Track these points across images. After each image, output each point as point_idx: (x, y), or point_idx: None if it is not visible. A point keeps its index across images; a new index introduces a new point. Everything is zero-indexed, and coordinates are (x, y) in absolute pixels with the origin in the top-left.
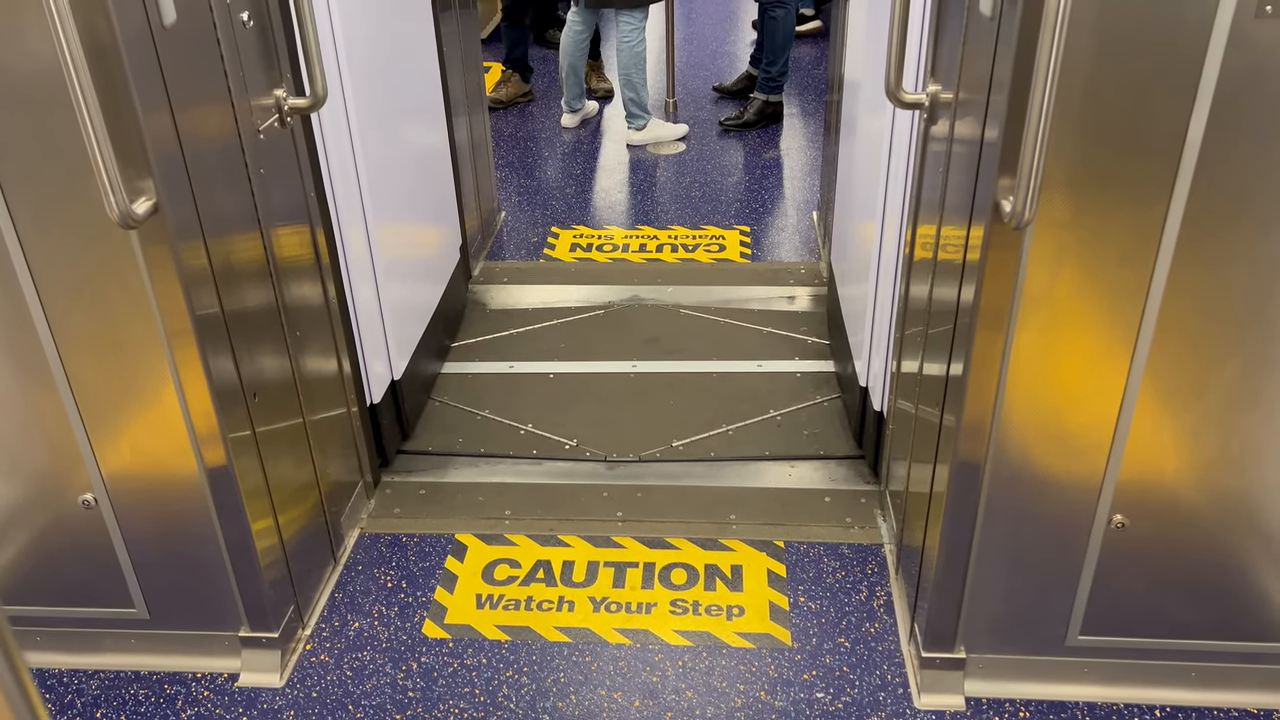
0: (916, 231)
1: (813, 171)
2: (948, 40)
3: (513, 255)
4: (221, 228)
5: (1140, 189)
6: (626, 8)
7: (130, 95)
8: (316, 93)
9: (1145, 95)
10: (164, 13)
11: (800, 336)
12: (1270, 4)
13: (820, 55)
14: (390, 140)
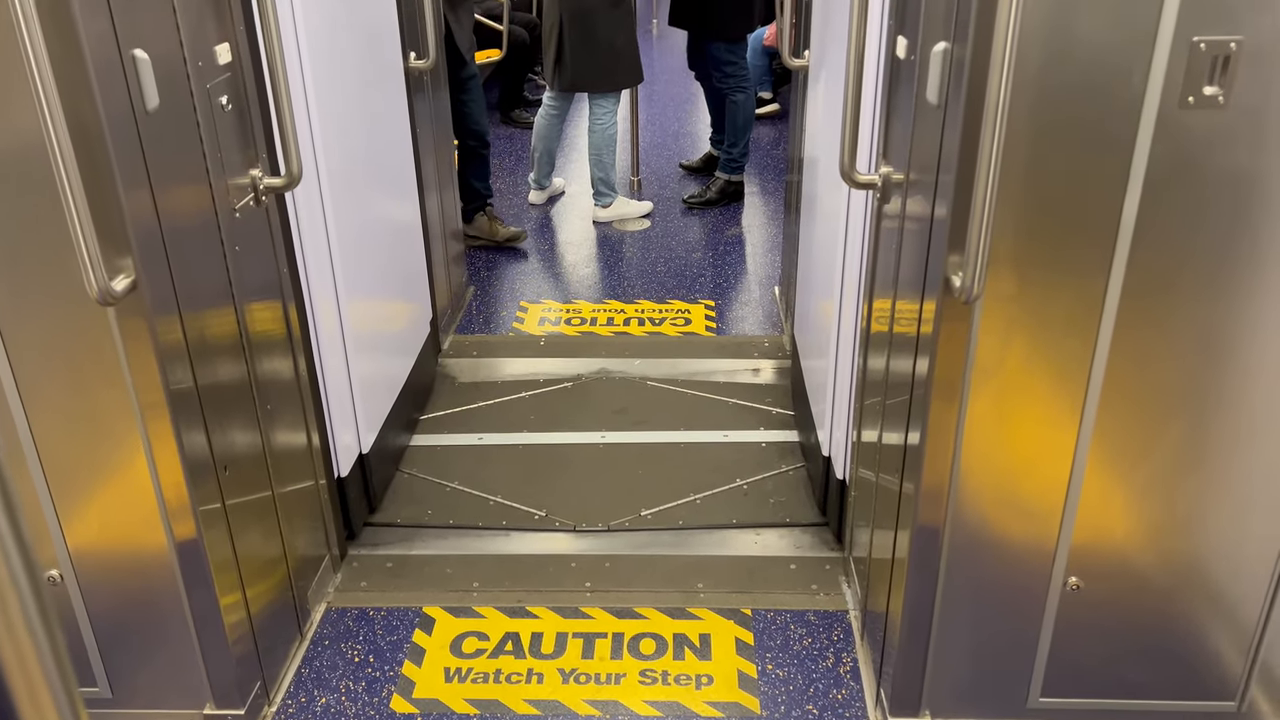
0: (873, 306)
1: (774, 248)
2: (898, 125)
3: (482, 329)
4: (197, 302)
5: (1081, 264)
6: (600, 91)
7: (112, 176)
8: (291, 172)
9: (1081, 178)
10: (147, 98)
11: (765, 407)
12: (1193, 95)
13: (779, 136)
14: (363, 217)
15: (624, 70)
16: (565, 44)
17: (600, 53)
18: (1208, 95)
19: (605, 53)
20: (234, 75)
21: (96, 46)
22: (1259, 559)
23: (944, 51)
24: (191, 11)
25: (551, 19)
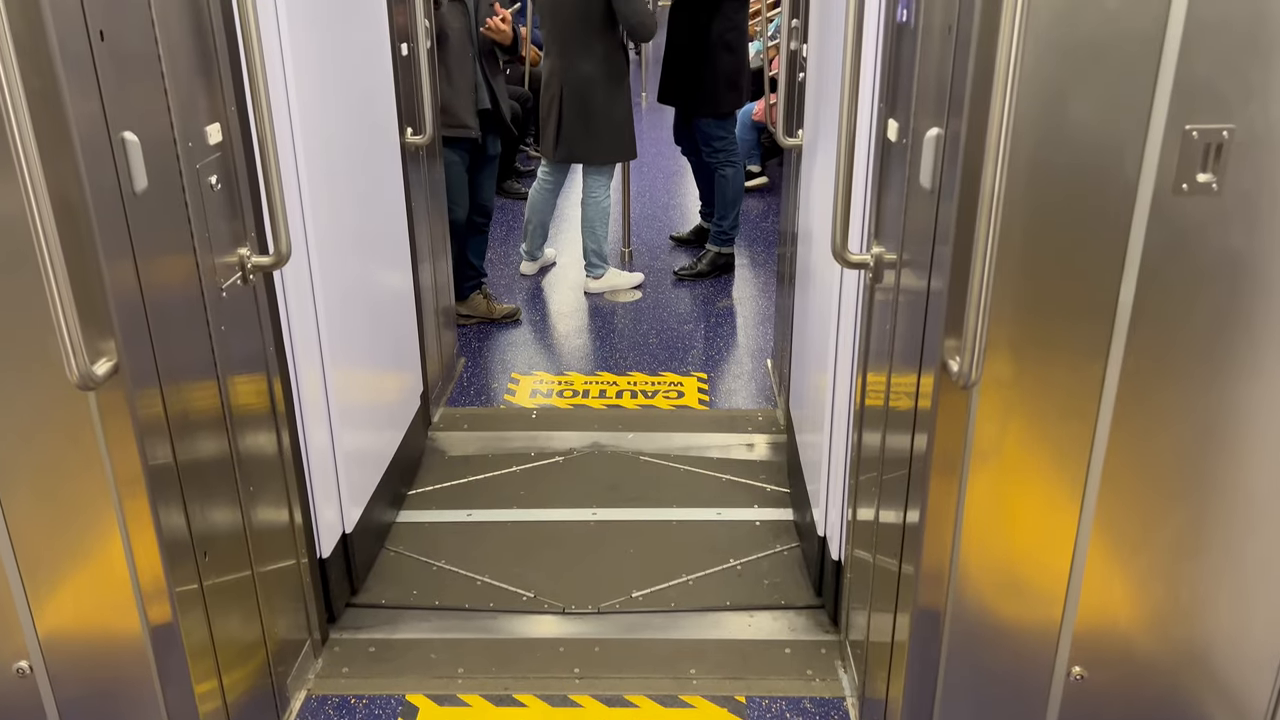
0: (867, 380)
1: (766, 320)
2: (890, 206)
3: (474, 401)
4: (179, 377)
5: (1078, 349)
6: (596, 163)
7: (97, 259)
8: (280, 251)
9: (1077, 262)
10: (135, 180)
11: (759, 484)
12: (1187, 182)
13: (767, 208)
14: (353, 290)
15: (621, 143)
16: (565, 116)
17: (598, 125)
18: (1201, 182)
19: (604, 126)
20: (224, 154)
21: (86, 128)
22: (1266, 646)
23: (937, 137)
24: (183, 92)
25: (551, 91)
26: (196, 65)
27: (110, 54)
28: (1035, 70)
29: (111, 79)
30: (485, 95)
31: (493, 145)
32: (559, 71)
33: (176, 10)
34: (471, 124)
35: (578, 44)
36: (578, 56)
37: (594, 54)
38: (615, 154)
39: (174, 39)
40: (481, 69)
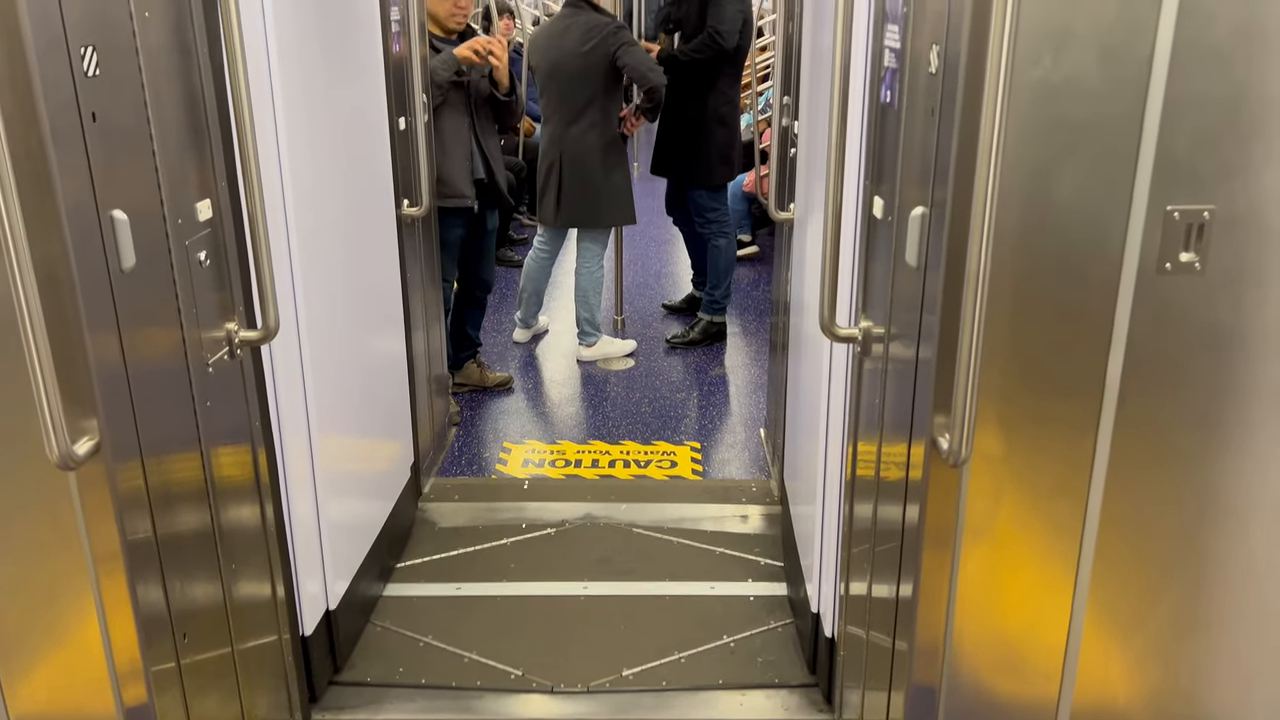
0: (858, 450)
1: (758, 389)
2: (877, 280)
3: (465, 471)
4: (161, 452)
5: (1068, 426)
6: (595, 228)
7: (82, 338)
8: (268, 326)
9: (1064, 340)
10: (123, 258)
11: (753, 558)
12: (1170, 261)
13: (758, 277)
14: (343, 360)
15: (619, 209)
16: (564, 184)
17: (598, 192)
18: (1184, 261)
19: (604, 192)
20: (214, 230)
21: (74, 208)
22: None
23: (922, 215)
24: (174, 169)
25: (550, 159)
26: (188, 141)
27: (101, 134)
28: (1017, 151)
29: (102, 159)
30: (480, 165)
31: (491, 219)
32: (558, 139)
33: (169, 87)
34: (468, 193)
35: (576, 112)
36: (576, 124)
37: (592, 121)
38: (616, 219)
39: (166, 116)
40: (477, 140)
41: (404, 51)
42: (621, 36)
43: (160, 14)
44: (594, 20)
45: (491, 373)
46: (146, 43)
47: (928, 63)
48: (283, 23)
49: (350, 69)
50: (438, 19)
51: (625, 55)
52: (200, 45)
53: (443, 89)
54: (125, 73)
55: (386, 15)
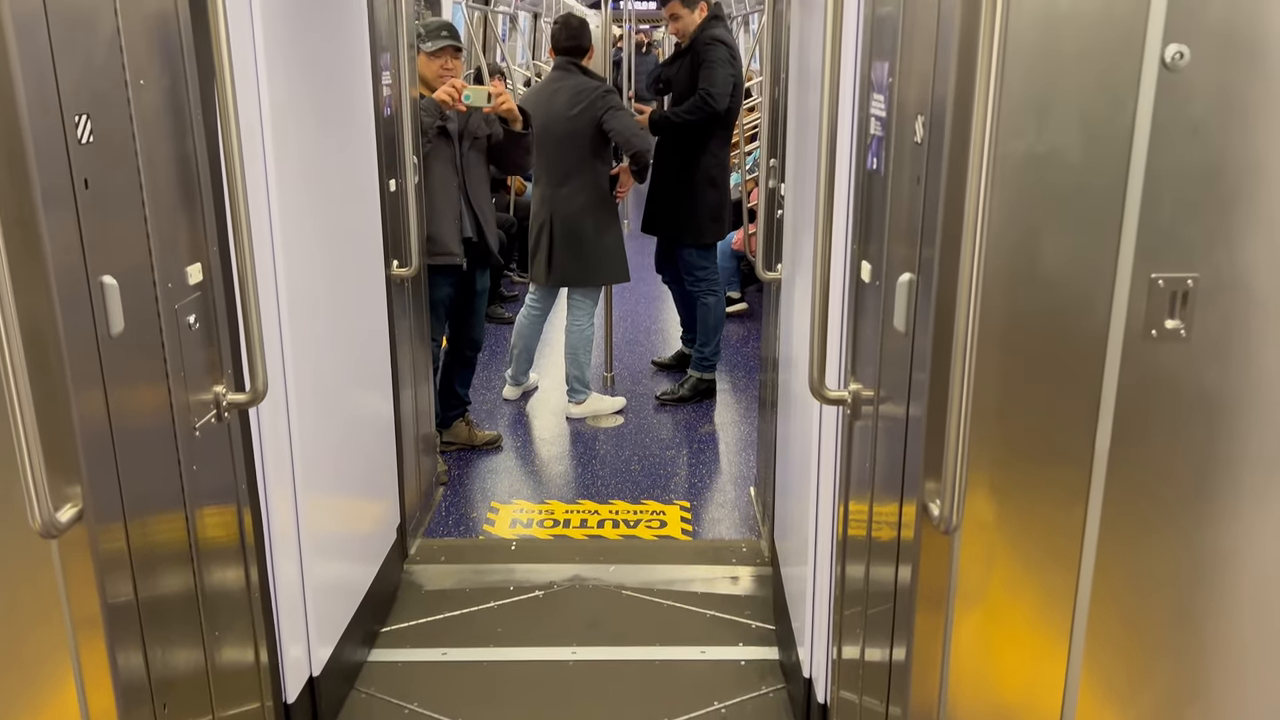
0: (849, 509)
1: (748, 447)
2: (866, 344)
3: (452, 531)
4: (144, 514)
5: (1059, 493)
6: (587, 286)
7: (68, 404)
8: (257, 389)
9: (1052, 407)
10: (112, 324)
11: (744, 620)
12: (1155, 329)
13: (747, 333)
14: (331, 421)
15: (612, 268)
16: (555, 244)
17: (589, 251)
18: (1170, 329)
19: (594, 251)
20: (204, 294)
21: (64, 274)
22: None
23: (909, 281)
24: (166, 233)
25: (541, 219)
26: (180, 204)
27: (94, 200)
28: (1002, 220)
29: (93, 224)
30: (470, 224)
31: (481, 279)
32: (548, 199)
33: (163, 152)
34: (456, 251)
35: (568, 174)
36: (567, 184)
37: (584, 183)
38: (608, 277)
39: (159, 180)
40: (467, 199)
41: (395, 114)
42: (608, 101)
43: (155, 80)
44: (582, 84)
45: (480, 431)
46: (141, 109)
47: (913, 132)
48: (276, 87)
49: (342, 131)
50: (427, 81)
51: (611, 120)
52: (194, 110)
53: (428, 136)
54: (119, 139)
55: (378, 78)
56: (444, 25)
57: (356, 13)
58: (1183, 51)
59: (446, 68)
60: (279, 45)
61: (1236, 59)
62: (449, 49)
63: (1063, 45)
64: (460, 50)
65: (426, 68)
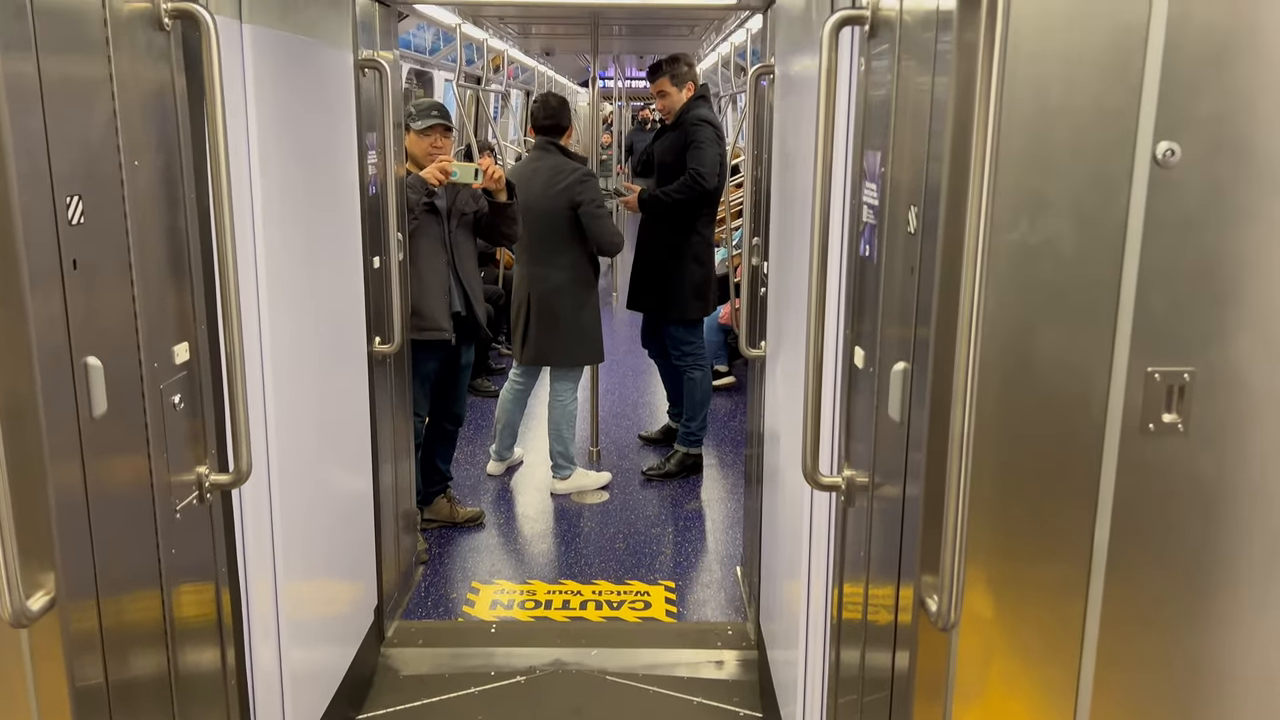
0: (844, 591)
1: (735, 524)
2: (860, 430)
3: (431, 613)
4: (119, 593)
5: (1056, 590)
6: (563, 367)
7: (45, 489)
8: (241, 470)
9: (1050, 502)
10: (95, 405)
11: (731, 708)
12: (1153, 422)
13: (735, 407)
14: (313, 502)
15: (587, 348)
16: (532, 322)
17: (566, 331)
18: (1167, 423)
19: (571, 331)
20: (190, 373)
21: (47, 356)
22: None
23: (903, 371)
24: (154, 313)
25: (520, 296)
26: (170, 284)
27: (82, 281)
28: (997, 312)
29: (80, 305)
30: (458, 299)
31: (466, 354)
32: (528, 278)
33: (154, 232)
34: (445, 326)
35: (547, 252)
36: (546, 264)
37: (563, 263)
38: (582, 358)
39: (149, 260)
40: (455, 273)
41: (380, 191)
42: (586, 191)
43: (150, 162)
44: (561, 165)
45: (462, 507)
46: (134, 190)
47: (906, 223)
48: (268, 166)
49: (328, 209)
50: (416, 159)
51: (587, 219)
52: (188, 190)
53: (415, 213)
54: (111, 219)
55: (364, 156)
56: (434, 105)
57: (344, 91)
58: (1174, 148)
59: (436, 146)
60: (271, 124)
61: (1227, 157)
62: (439, 127)
63: (1055, 139)
64: (450, 129)
65: (416, 146)
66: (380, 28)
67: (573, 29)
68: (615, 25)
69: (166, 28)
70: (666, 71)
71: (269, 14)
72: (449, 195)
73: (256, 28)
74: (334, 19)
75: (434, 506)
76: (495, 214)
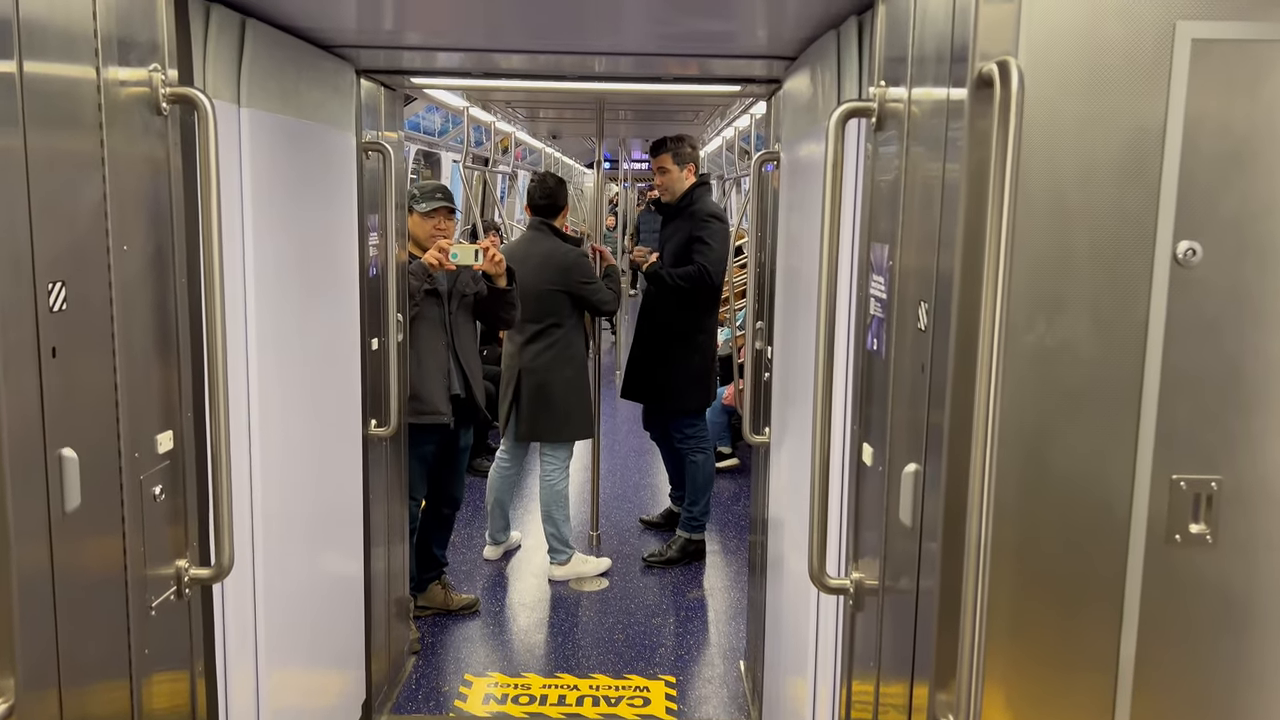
0: (852, 690)
1: (738, 615)
2: (868, 530)
3: (421, 706)
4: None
5: (1082, 705)
6: (552, 442)
7: (9, 590)
8: (222, 564)
9: (1074, 614)
10: (68, 499)
11: None
12: (1179, 533)
13: (738, 490)
14: (299, 591)
15: (576, 423)
16: (521, 398)
17: (555, 407)
18: (1194, 533)
19: (559, 407)
20: (173, 463)
21: (19, 447)
22: None
23: (915, 473)
24: (137, 401)
25: (510, 373)
26: (155, 370)
27: (60, 369)
28: (1014, 415)
29: (57, 394)
30: (458, 382)
31: (465, 436)
32: (516, 355)
33: (141, 318)
34: (444, 409)
35: (535, 330)
36: (536, 341)
37: (551, 339)
38: (572, 434)
39: (134, 347)
40: (455, 356)
41: (380, 273)
42: (580, 272)
43: (140, 246)
44: (554, 248)
45: (457, 594)
46: (122, 275)
47: (916, 318)
48: (263, 251)
49: (326, 292)
50: (420, 241)
51: (581, 290)
52: (178, 274)
53: (416, 298)
54: (96, 305)
55: (365, 238)
56: (439, 188)
57: (346, 173)
58: (1195, 248)
59: (439, 228)
60: (267, 207)
61: (1251, 258)
62: (443, 210)
63: (1073, 239)
64: (454, 212)
65: (420, 228)
66: (385, 110)
67: (579, 113)
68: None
69: (164, 112)
70: (670, 149)
71: (268, 99)
72: (449, 278)
73: (255, 111)
74: (337, 103)
75: (428, 593)
76: (494, 299)
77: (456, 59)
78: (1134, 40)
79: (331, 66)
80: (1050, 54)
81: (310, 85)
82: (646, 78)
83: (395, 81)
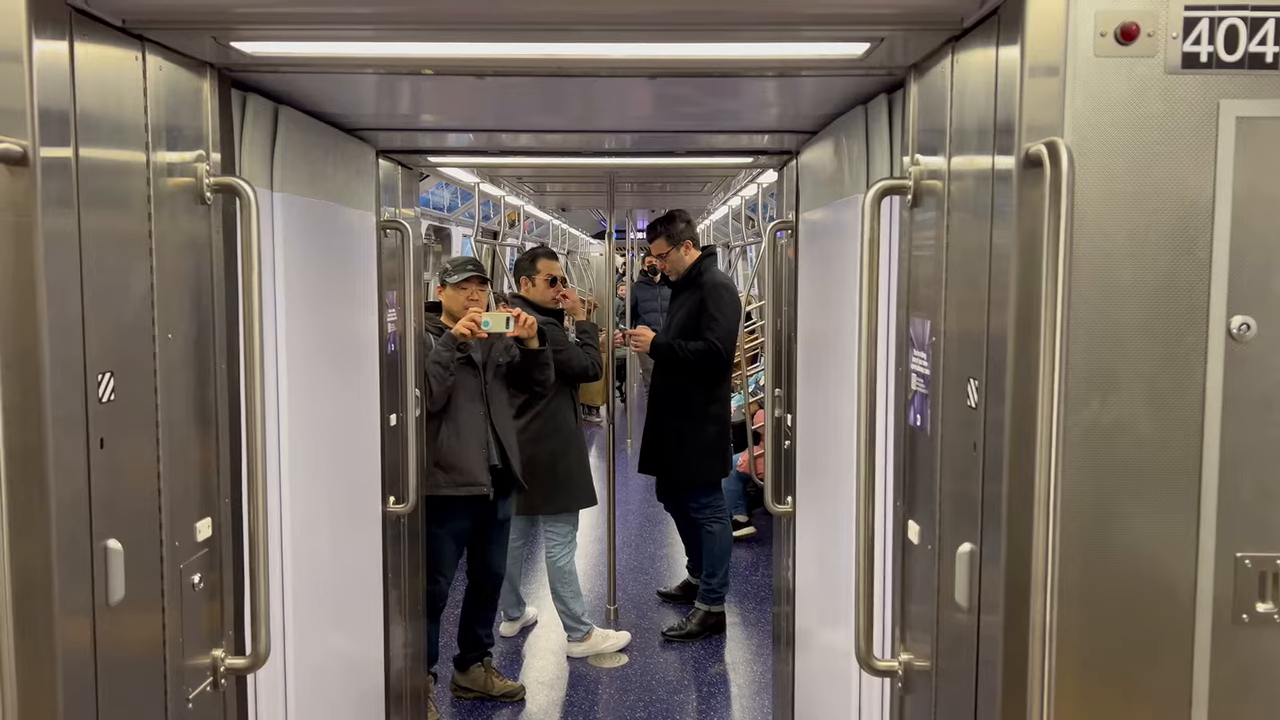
0: None
1: (762, 690)
2: (917, 611)
3: None
4: None
5: None
6: (553, 513)
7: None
8: (259, 653)
9: (1142, 698)
10: (112, 591)
11: None
12: (1246, 613)
13: (756, 559)
14: (325, 676)
15: (572, 492)
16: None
17: (549, 478)
18: (1262, 612)
19: (554, 478)
20: (211, 550)
21: (67, 540)
22: None
23: (970, 554)
24: (177, 490)
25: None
26: (196, 457)
27: (108, 461)
28: (1073, 495)
29: (105, 486)
30: (495, 452)
31: (504, 508)
32: None
33: (183, 404)
34: (484, 480)
35: (518, 403)
36: (520, 416)
37: (534, 411)
38: (569, 503)
39: (177, 437)
40: (492, 427)
41: (399, 349)
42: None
43: (184, 333)
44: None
45: (501, 680)
46: (166, 363)
47: (965, 395)
48: (294, 334)
49: (348, 370)
50: (453, 313)
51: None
52: (218, 358)
53: (450, 369)
54: (141, 394)
55: (383, 314)
56: (469, 260)
57: (367, 251)
58: (1249, 323)
59: (472, 298)
60: (299, 288)
61: None
62: (474, 279)
63: (1125, 315)
64: (485, 281)
65: (453, 300)
66: (402, 188)
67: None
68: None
69: (208, 201)
70: (662, 232)
71: (299, 183)
72: (483, 348)
73: (287, 196)
74: (359, 183)
75: (470, 674)
76: (527, 361)
77: (470, 138)
78: (1179, 117)
79: (355, 149)
80: (1096, 130)
81: (335, 167)
82: (658, 152)
83: (411, 160)
